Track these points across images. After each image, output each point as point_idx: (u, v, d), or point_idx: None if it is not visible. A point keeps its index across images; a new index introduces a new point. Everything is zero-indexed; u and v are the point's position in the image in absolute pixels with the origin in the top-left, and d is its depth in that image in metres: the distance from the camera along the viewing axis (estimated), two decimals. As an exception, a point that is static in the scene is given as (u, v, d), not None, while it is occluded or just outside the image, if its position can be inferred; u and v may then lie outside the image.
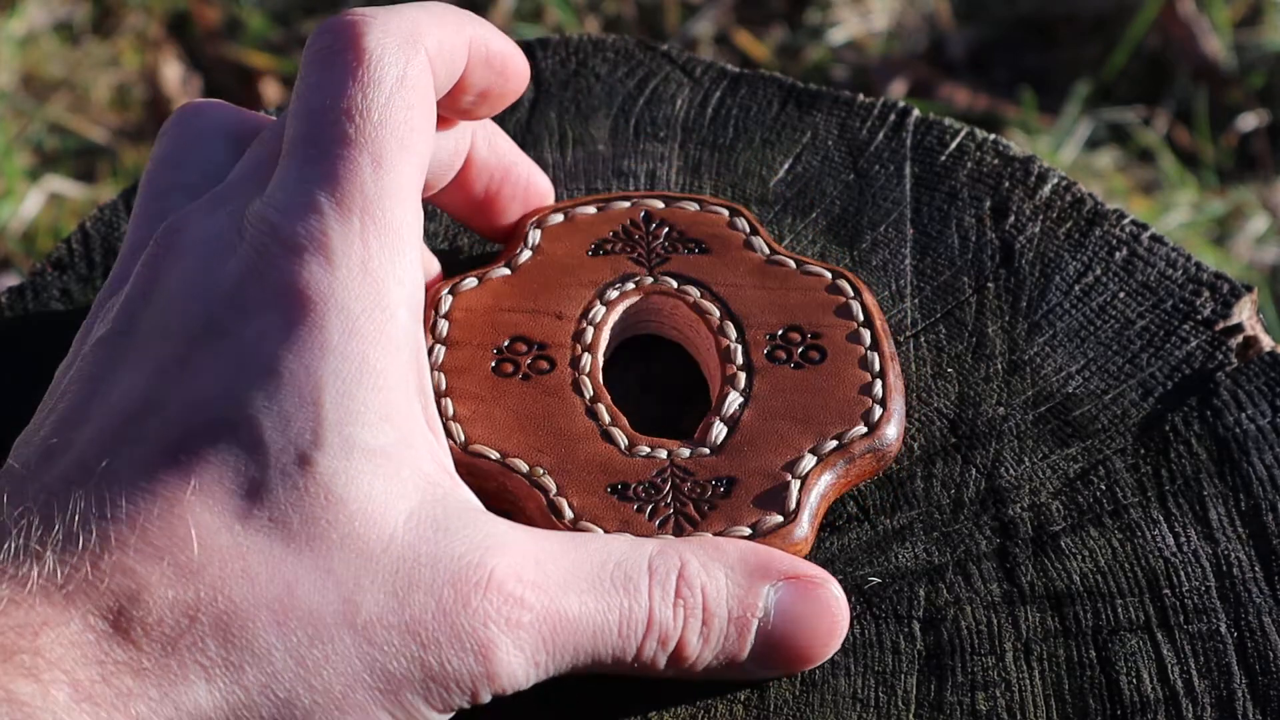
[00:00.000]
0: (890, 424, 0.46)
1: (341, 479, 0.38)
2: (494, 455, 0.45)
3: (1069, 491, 0.47)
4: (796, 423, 0.46)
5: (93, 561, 0.36)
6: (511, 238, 0.50)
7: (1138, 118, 1.26)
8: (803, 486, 0.44)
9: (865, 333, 0.48)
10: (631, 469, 0.45)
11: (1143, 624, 0.44)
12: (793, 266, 0.49)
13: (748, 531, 0.43)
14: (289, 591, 0.36)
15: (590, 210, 0.51)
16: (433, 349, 0.47)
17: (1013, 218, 0.53)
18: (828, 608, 0.41)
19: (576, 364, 0.47)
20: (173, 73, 1.32)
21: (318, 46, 0.41)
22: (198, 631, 0.36)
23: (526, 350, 0.47)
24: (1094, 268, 0.52)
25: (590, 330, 0.48)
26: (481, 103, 0.46)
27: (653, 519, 0.44)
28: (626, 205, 0.51)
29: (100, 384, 0.39)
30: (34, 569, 0.35)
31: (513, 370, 0.47)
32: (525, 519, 0.43)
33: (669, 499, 0.44)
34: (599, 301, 0.49)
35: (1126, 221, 0.53)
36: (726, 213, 0.51)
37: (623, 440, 0.45)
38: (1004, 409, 0.48)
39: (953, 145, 0.55)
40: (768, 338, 0.48)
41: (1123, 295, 0.51)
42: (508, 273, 0.49)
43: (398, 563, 0.37)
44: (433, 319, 0.48)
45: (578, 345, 0.48)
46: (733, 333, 0.48)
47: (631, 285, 0.49)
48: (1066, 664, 0.43)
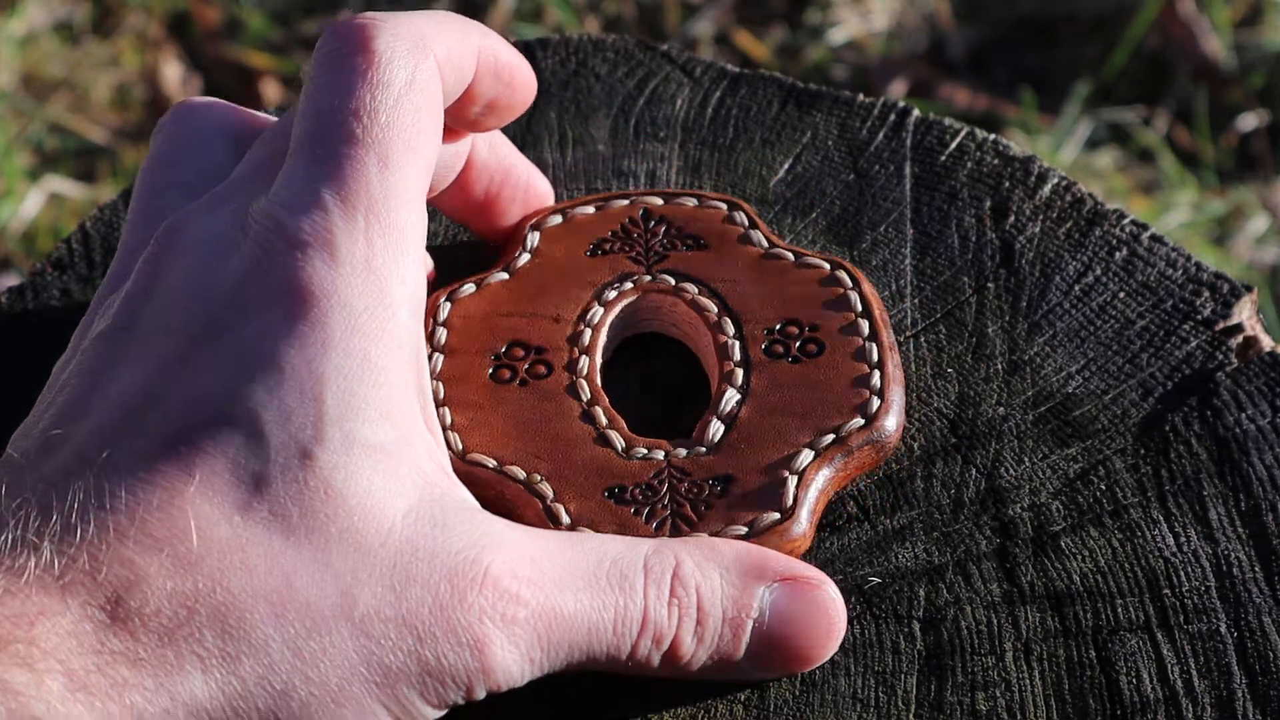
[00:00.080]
0: (889, 415, 0.45)
1: (341, 474, 0.38)
2: (491, 463, 0.45)
3: (1069, 491, 0.47)
4: (794, 418, 0.45)
5: (90, 552, 0.36)
6: (510, 241, 0.50)
7: (1138, 118, 1.26)
8: (800, 482, 0.44)
9: (863, 324, 0.47)
10: (628, 471, 0.45)
11: (1143, 624, 0.44)
12: (790, 259, 0.49)
13: (744, 530, 0.43)
14: (287, 584, 0.37)
15: (588, 210, 0.51)
16: (431, 357, 0.47)
17: (1013, 218, 0.53)
18: (824, 609, 0.41)
19: (573, 367, 0.47)
20: (173, 73, 1.32)
21: (327, 49, 0.41)
22: (195, 622, 0.36)
23: (524, 355, 0.47)
24: (1094, 268, 0.52)
25: (588, 332, 0.48)
26: (489, 114, 0.46)
27: (649, 521, 0.43)
28: (625, 204, 0.51)
29: (100, 378, 0.39)
30: (31, 559, 0.35)
31: (510, 376, 0.47)
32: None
33: (665, 500, 0.44)
34: (597, 303, 0.49)
35: (1126, 221, 0.53)
36: (724, 207, 0.51)
37: (620, 443, 0.45)
38: (1004, 409, 0.48)
39: (953, 145, 0.55)
40: (766, 332, 0.47)
41: (1123, 295, 0.51)
42: (506, 277, 0.49)
43: (395, 557, 0.38)
44: (431, 327, 0.47)
45: (575, 348, 0.47)
46: (730, 329, 0.48)
47: (629, 285, 0.49)
48: (1066, 664, 0.43)
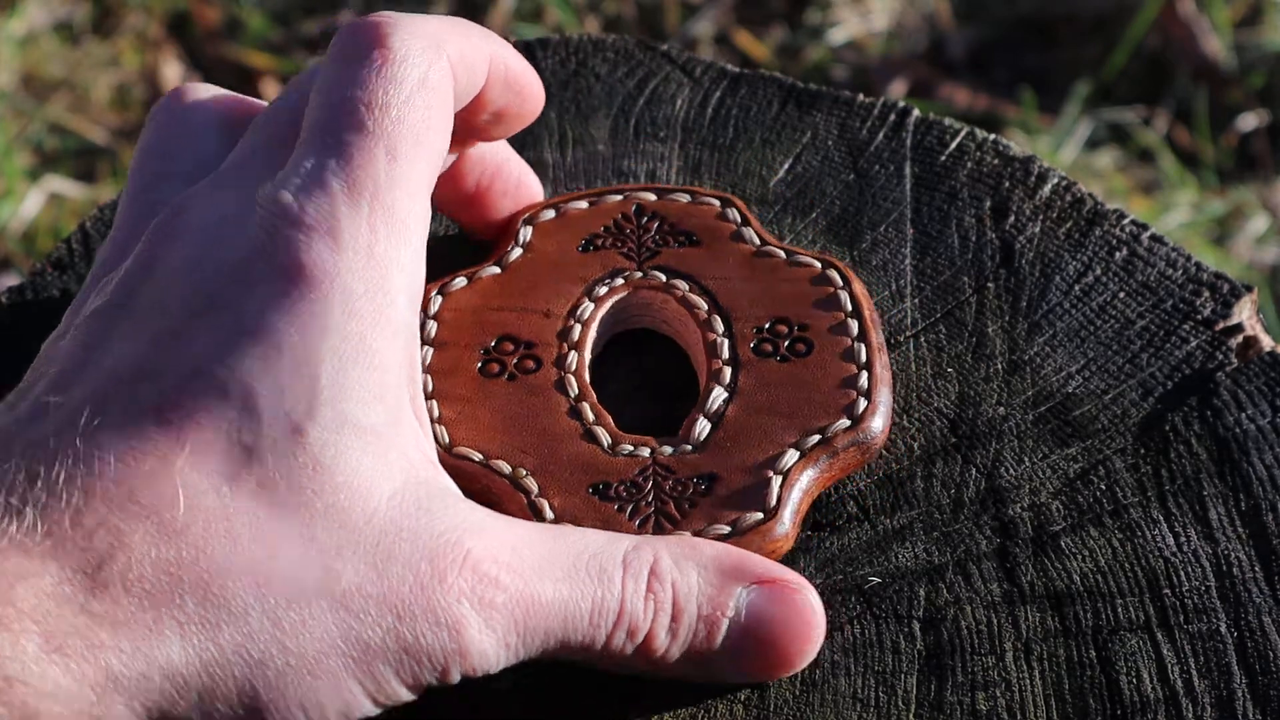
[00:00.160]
0: (875, 416, 0.45)
1: (331, 451, 0.38)
2: (477, 457, 0.45)
3: (1069, 491, 0.47)
4: (781, 417, 0.45)
5: (74, 518, 0.36)
6: (503, 235, 0.50)
7: (1138, 118, 1.26)
8: (784, 482, 0.44)
9: (853, 324, 0.47)
10: (613, 468, 0.45)
11: (1143, 624, 0.44)
12: (782, 257, 0.49)
13: (727, 529, 0.43)
14: (271, 555, 0.37)
15: (581, 205, 0.51)
16: (421, 350, 0.47)
17: (1013, 218, 0.53)
18: (801, 612, 0.41)
19: (562, 363, 0.47)
20: (173, 73, 1.32)
21: (343, 44, 0.42)
22: (177, 589, 0.36)
23: (514, 349, 0.47)
24: (1094, 268, 0.52)
25: (578, 328, 0.48)
26: (496, 122, 0.47)
27: (633, 518, 0.43)
28: (618, 199, 0.51)
29: (94, 351, 0.40)
30: (13, 524, 0.36)
31: (499, 370, 0.47)
32: None
33: (650, 498, 0.44)
34: (587, 298, 0.48)
35: (1126, 221, 0.53)
36: (717, 203, 0.51)
37: (606, 439, 0.45)
38: (1004, 409, 0.48)
39: (953, 145, 0.55)
40: (755, 331, 0.47)
41: (1123, 295, 0.51)
42: (497, 271, 0.49)
43: (379, 536, 0.38)
44: (421, 320, 0.47)
45: (564, 343, 0.47)
46: (720, 326, 0.48)
47: (620, 280, 0.49)
48: (1066, 664, 0.43)
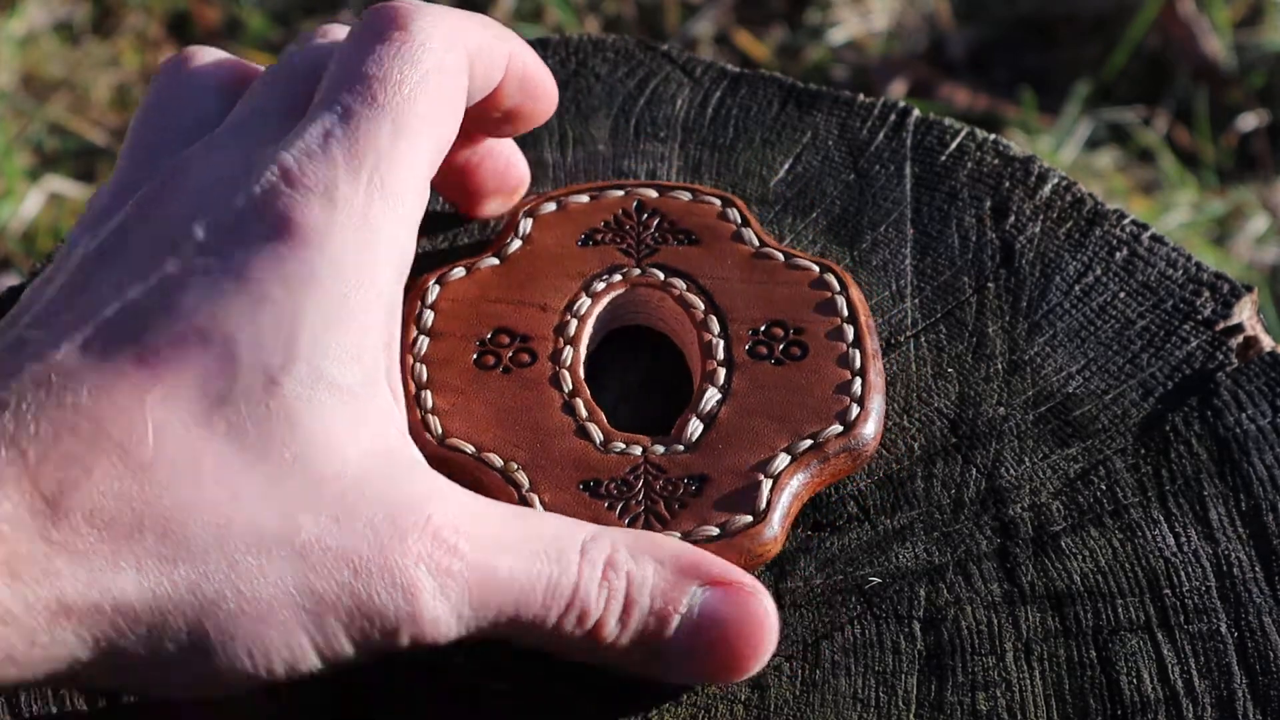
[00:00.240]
0: (867, 423, 0.45)
1: (303, 405, 0.38)
2: (469, 449, 0.45)
3: (1069, 491, 0.47)
4: (773, 420, 0.45)
5: (40, 448, 0.36)
6: (503, 227, 0.50)
7: (1138, 118, 1.26)
8: (774, 486, 0.44)
9: (849, 329, 0.47)
10: (605, 465, 0.45)
11: (1143, 624, 0.44)
12: (780, 260, 0.49)
13: (716, 531, 0.43)
14: (234, 499, 0.37)
15: (583, 199, 0.51)
16: (417, 340, 0.47)
17: (1013, 218, 0.53)
18: (754, 615, 0.41)
19: (558, 358, 0.47)
20: (173, 73, 1.31)
21: (366, 24, 0.43)
22: (137, 523, 0.36)
23: (509, 342, 0.47)
24: (1094, 268, 0.52)
25: (574, 323, 0.48)
26: (508, 122, 0.48)
27: (623, 517, 0.43)
28: (619, 194, 0.51)
29: (82, 292, 0.40)
30: None
31: (494, 363, 0.47)
32: None
33: (640, 497, 0.44)
34: (585, 294, 0.48)
35: (1127, 221, 0.53)
36: (718, 203, 0.51)
37: (598, 436, 0.45)
38: (1004, 409, 0.48)
39: (953, 145, 0.55)
40: (750, 333, 0.47)
41: (1123, 295, 0.51)
42: (496, 263, 0.49)
43: (344, 491, 0.38)
44: (419, 309, 0.48)
45: (560, 338, 0.47)
46: (716, 327, 0.48)
47: (618, 277, 0.49)
48: (1067, 664, 0.43)
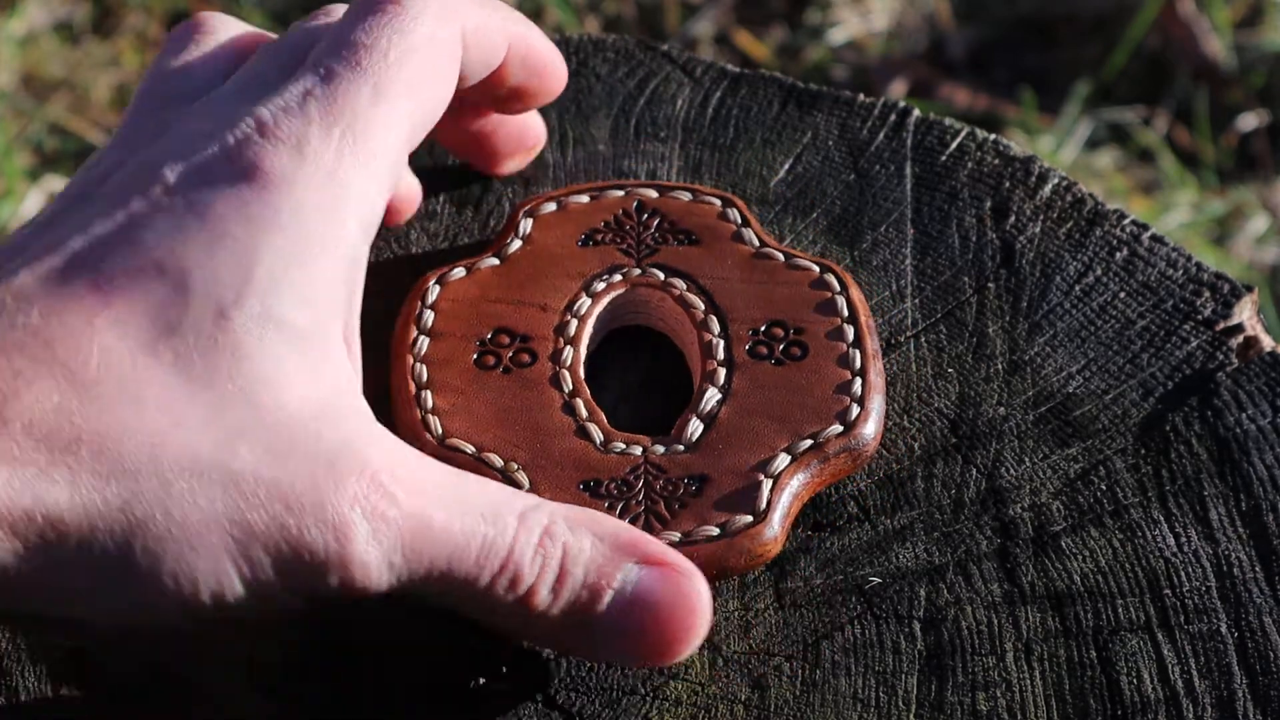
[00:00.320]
0: (867, 423, 0.45)
1: (252, 340, 0.39)
2: (469, 449, 0.45)
3: (1069, 491, 0.47)
4: (773, 420, 0.45)
5: None
6: (503, 227, 0.51)
7: (1138, 118, 1.26)
8: (775, 486, 0.44)
9: (849, 329, 0.47)
10: (605, 466, 0.45)
11: (1143, 624, 0.44)
12: (780, 260, 0.49)
13: (716, 531, 0.43)
14: (174, 424, 0.37)
15: (583, 199, 0.51)
16: (417, 340, 0.47)
17: (1013, 218, 0.53)
18: (687, 598, 0.41)
19: (558, 358, 0.47)
20: (173, 73, 1.31)
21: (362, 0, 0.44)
22: (75, 438, 0.37)
23: (509, 342, 0.47)
24: (1094, 268, 0.52)
25: (574, 323, 0.48)
26: (515, 98, 0.49)
27: (623, 516, 0.43)
28: (619, 194, 0.51)
29: (53, 228, 0.41)
30: None
31: (494, 363, 0.47)
32: None
33: (640, 497, 0.44)
34: (585, 294, 0.49)
35: (1127, 221, 0.53)
36: (718, 203, 0.51)
37: (598, 436, 0.45)
38: (1004, 409, 0.48)
39: (953, 145, 0.55)
40: (750, 333, 0.47)
41: (1123, 295, 0.51)
42: (496, 263, 0.49)
43: (285, 427, 0.39)
44: (419, 309, 0.48)
45: (560, 338, 0.47)
46: (716, 327, 0.48)
47: (619, 277, 0.49)
48: (1067, 664, 0.43)
